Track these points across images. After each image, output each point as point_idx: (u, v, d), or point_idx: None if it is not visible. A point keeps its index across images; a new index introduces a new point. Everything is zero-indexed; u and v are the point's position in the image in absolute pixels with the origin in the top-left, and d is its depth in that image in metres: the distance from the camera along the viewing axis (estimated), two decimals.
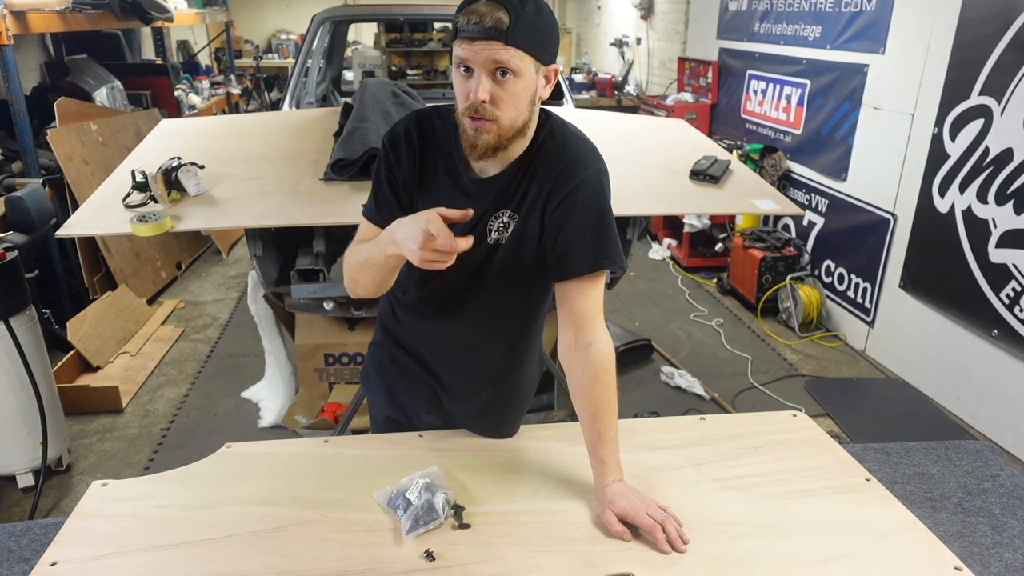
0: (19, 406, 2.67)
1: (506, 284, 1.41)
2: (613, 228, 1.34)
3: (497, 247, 1.37)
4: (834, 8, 4.26)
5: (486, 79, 1.19)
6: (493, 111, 1.21)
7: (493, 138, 1.24)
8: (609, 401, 1.30)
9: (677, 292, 5.06)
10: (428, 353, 1.54)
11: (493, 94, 1.20)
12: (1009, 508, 1.61)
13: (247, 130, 3.12)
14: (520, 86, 1.21)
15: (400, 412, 1.61)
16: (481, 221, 1.34)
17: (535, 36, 1.20)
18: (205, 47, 9.34)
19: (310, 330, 3.16)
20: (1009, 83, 3.04)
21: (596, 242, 1.31)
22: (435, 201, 1.33)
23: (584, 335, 1.31)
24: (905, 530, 1.28)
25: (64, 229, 2.15)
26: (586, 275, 1.31)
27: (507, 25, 1.16)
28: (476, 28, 1.16)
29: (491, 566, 1.16)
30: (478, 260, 1.37)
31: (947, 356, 3.50)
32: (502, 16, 1.16)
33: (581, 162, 1.33)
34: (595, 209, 1.32)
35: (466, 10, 1.19)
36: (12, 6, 3.64)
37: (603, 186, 1.35)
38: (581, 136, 1.38)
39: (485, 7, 1.17)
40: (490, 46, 1.17)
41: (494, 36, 1.16)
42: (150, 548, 1.19)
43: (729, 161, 2.72)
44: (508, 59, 1.18)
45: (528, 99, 1.25)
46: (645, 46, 7.46)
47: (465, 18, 1.18)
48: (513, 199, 1.34)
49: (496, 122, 1.22)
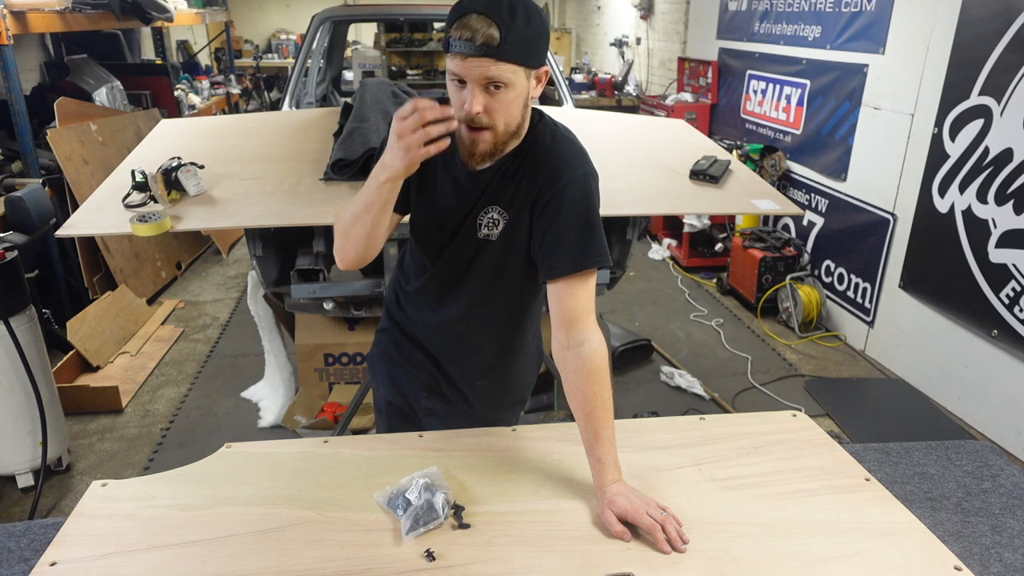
0: (19, 406, 2.67)
1: (496, 279, 1.46)
2: (599, 229, 1.37)
3: (487, 242, 1.41)
4: (834, 8, 4.26)
5: (479, 92, 1.23)
6: (488, 121, 1.26)
7: (489, 146, 1.30)
8: (604, 400, 1.31)
9: (677, 292, 5.06)
10: (427, 341, 1.59)
11: (487, 105, 1.24)
12: (1009, 508, 1.61)
13: (247, 130, 3.12)
14: (512, 95, 1.26)
15: (401, 397, 1.66)
16: (471, 215, 1.39)
17: (525, 47, 1.23)
18: (205, 47, 9.35)
19: (310, 330, 3.16)
20: (1009, 83, 3.04)
21: (582, 242, 1.33)
22: (429, 192, 1.41)
23: (575, 334, 1.33)
24: (905, 530, 1.28)
25: (64, 229, 2.15)
26: (573, 274, 1.33)
27: (498, 41, 1.18)
28: (467, 45, 1.19)
29: (491, 566, 1.16)
30: (469, 254, 1.43)
31: (947, 356, 3.50)
32: (493, 32, 1.18)
33: (567, 164, 1.36)
34: (581, 210, 1.34)
35: (457, 24, 1.20)
36: (12, 6, 3.64)
37: (590, 188, 1.37)
38: (570, 138, 1.41)
39: (476, 23, 1.18)
40: (481, 63, 1.20)
41: (485, 53, 1.19)
42: (150, 548, 1.19)
43: (729, 161, 2.72)
44: (499, 74, 1.21)
45: (520, 104, 1.29)
46: (645, 46, 7.46)
47: (457, 32, 1.20)
48: (503, 196, 1.38)
49: (492, 129, 1.28)
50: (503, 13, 1.19)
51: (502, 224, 1.39)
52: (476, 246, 1.42)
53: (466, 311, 1.51)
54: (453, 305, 1.51)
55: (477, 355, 1.58)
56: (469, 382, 1.61)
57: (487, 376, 1.61)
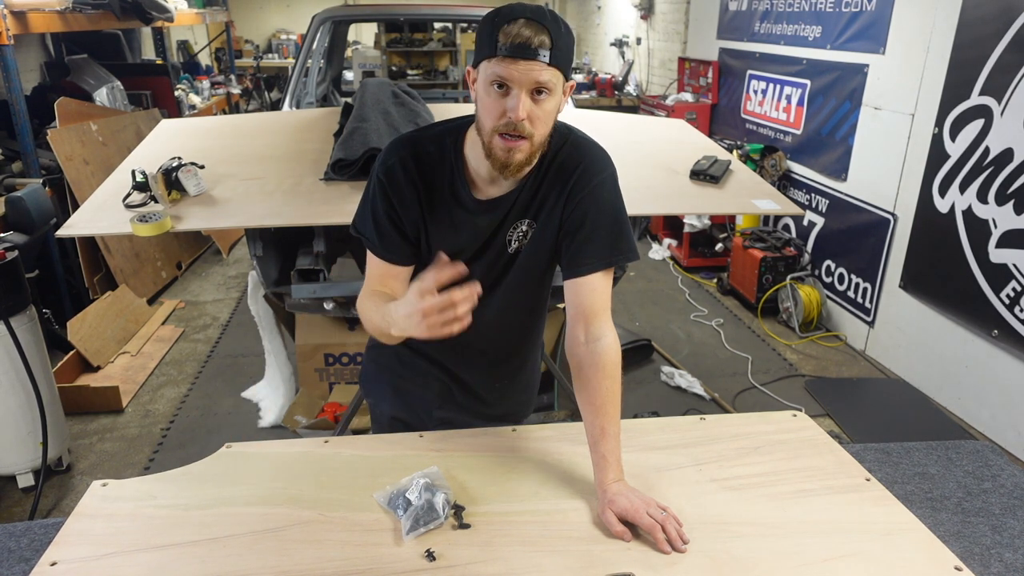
0: (19, 406, 2.67)
1: (522, 286, 1.46)
2: (628, 226, 1.40)
3: (517, 254, 1.42)
4: (834, 8, 4.26)
5: (526, 98, 1.21)
6: (530, 129, 1.24)
7: (525, 156, 1.27)
8: (614, 396, 1.32)
9: (677, 292, 5.06)
10: (440, 355, 1.56)
11: (530, 112, 1.22)
12: (1009, 508, 1.61)
13: (247, 130, 3.12)
14: (553, 103, 1.25)
15: (408, 411, 1.62)
16: (500, 232, 1.39)
17: (568, 55, 1.24)
18: (205, 47, 9.34)
19: (310, 330, 3.16)
20: (1009, 83, 3.04)
21: (612, 239, 1.35)
22: (445, 230, 1.37)
23: (594, 330, 1.34)
24: (905, 530, 1.28)
25: (64, 229, 2.15)
26: (599, 271, 1.35)
27: (550, 46, 1.19)
28: (521, 48, 1.17)
29: (491, 566, 1.16)
30: (499, 269, 1.43)
31: (947, 356, 3.50)
32: (545, 38, 1.18)
33: (597, 164, 1.38)
34: (612, 207, 1.37)
35: (506, 29, 1.19)
36: (12, 6, 3.64)
37: (617, 187, 1.40)
38: (589, 138, 1.43)
39: (528, 28, 1.18)
40: (533, 66, 1.19)
41: (538, 57, 1.18)
42: (150, 548, 1.19)
43: (729, 161, 2.72)
44: (548, 79, 1.21)
45: (555, 116, 1.29)
46: (645, 46, 7.46)
47: (506, 37, 1.18)
48: (531, 207, 1.38)
49: (530, 139, 1.25)
50: (549, 20, 1.20)
51: (531, 233, 1.39)
52: (507, 260, 1.42)
53: (492, 319, 1.46)
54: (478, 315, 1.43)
55: (500, 359, 1.57)
56: (488, 386, 1.59)
57: (507, 377, 1.61)
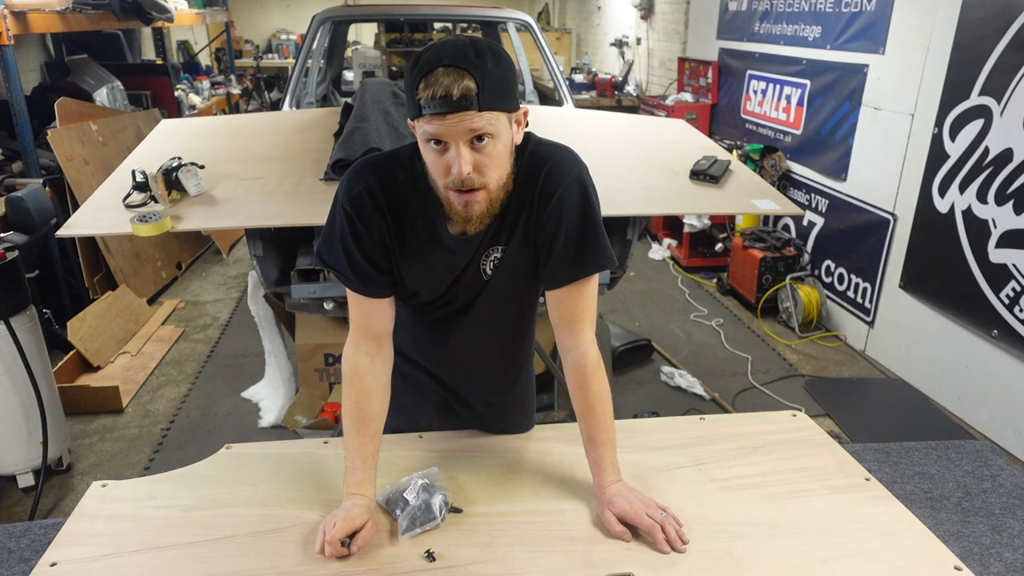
0: (19, 406, 2.67)
1: (499, 306, 1.42)
2: (599, 229, 1.31)
3: (493, 277, 1.36)
4: (834, 8, 4.26)
5: (465, 150, 1.13)
6: (480, 179, 1.16)
7: (485, 205, 1.21)
8: (600, 401, 1.30)
9: (677, 292, 5.05)
10: (434, 368, 1.54)
11: (476, 163, 1.15)
12: (1009, 508, 1.61)
13: (247, 130, 3.12)
14: (500, 145, 1.17)
15: (407, 423, 1.59)
16: (474, 261, 1.33)
17: (502, 91, 1.14)
18: (205, 47, 9.35)
19: (310, 330, 3.16)
20: (1009, 83, 3.04)
21: (583, 249, 1.29)
22: (418, 262, 1.31)
23: (569, 338, 1.34)
24: (905, 530, 1.28)
25: (64, 229, 2.15)
26: (569, 284, 1.31)
27: (475, 91, 1.09)
28: (444, 103, 1.09)
29: (491, 566, 1.16)
30: (474, 293, 1.38)
31: (947, 356, 3.50)
32: (468, 83, 1.09)
33: (558, 171, 1.28)
34: (579, 215, 1.29)
35: (426, 82, 1.10)
36: (12, 6, 3.64)
37: (586, 188, 1.30)
38: (547, 143, 1.33)
39: (447, 77, 1.08)
40: (463, 117, 1.10)
41: (465, 106, 1.09)
42: (150, 549, 1.19)
43: (729, 161, 2.72)
44: (484, 125, 1.12)
45: (507, 155, 1.21)
46: (645, 46, 7.46)
47: (427, 91, 1.09)
48: (501, 234, 1.32)
49: (485, 188, 1.18)
50: (472, 59, 1.10)
51: (501, 256, 1.34)
52: (481, 285, 1.37)
53: (475, 335, 1.45)
54: (462, 332, 1.45)
55: (490, 373, 1.54)
56: (483, 399, 1.57)
57: (500, 393, 1.56)
